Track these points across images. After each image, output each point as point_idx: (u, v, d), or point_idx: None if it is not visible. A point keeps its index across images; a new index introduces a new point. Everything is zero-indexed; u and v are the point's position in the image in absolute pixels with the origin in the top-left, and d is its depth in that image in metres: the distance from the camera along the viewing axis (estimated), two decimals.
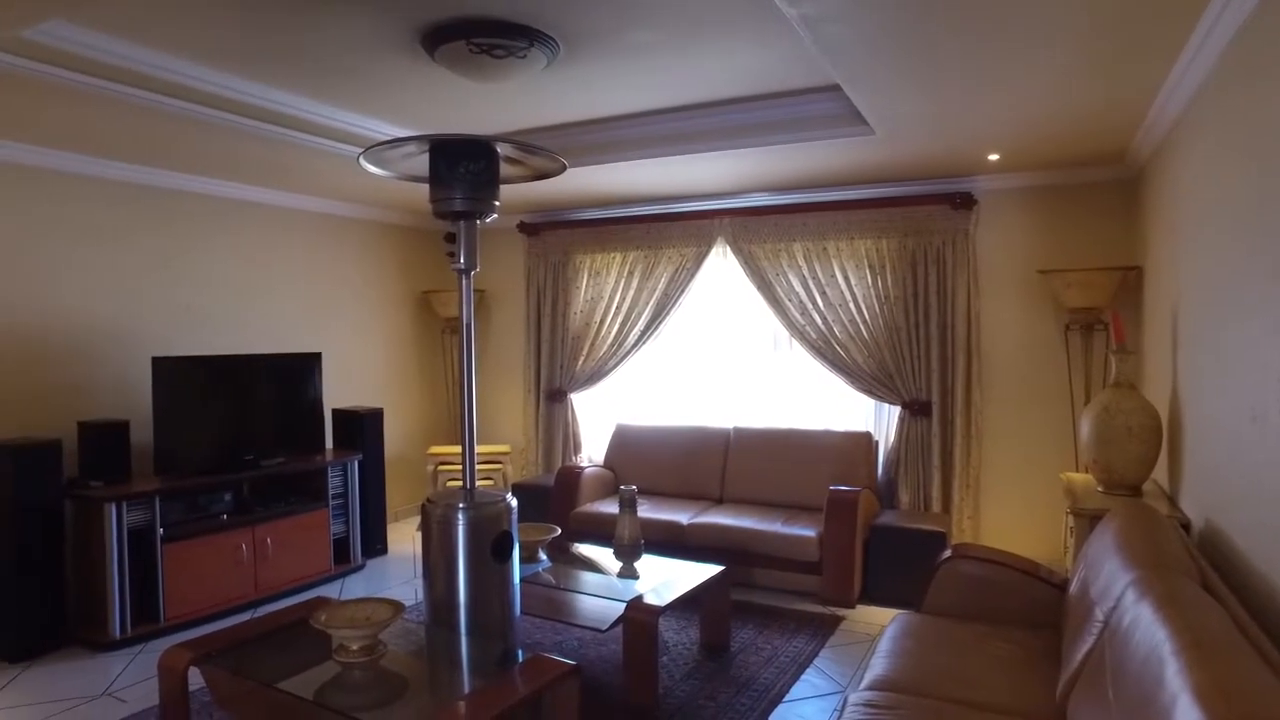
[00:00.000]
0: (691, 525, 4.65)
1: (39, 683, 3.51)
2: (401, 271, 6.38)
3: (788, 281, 5.31)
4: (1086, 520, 3.11)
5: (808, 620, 4.15)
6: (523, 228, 6.25)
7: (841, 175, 4.82)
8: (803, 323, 5.27)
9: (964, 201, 4.79)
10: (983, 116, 3.55)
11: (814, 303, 5.23)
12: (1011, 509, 4.86)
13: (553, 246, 6.17)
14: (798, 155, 4.30)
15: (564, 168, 3.16)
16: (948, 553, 3.14)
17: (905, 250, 4.97)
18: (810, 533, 4.38)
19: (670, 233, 5.73)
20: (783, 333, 5.49)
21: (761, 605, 4.37)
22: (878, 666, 2.56)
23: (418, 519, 6.34)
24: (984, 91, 3.20)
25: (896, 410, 5.08)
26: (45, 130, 3.72)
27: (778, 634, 3.97)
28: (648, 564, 3.81)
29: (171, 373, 4.24)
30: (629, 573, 3.69)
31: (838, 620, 4.16)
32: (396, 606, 2.72)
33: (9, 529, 3.70)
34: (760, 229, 5.39)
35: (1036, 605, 2.93)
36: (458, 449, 5.93)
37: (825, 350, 5.21)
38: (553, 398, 6.18)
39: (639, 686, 3.14)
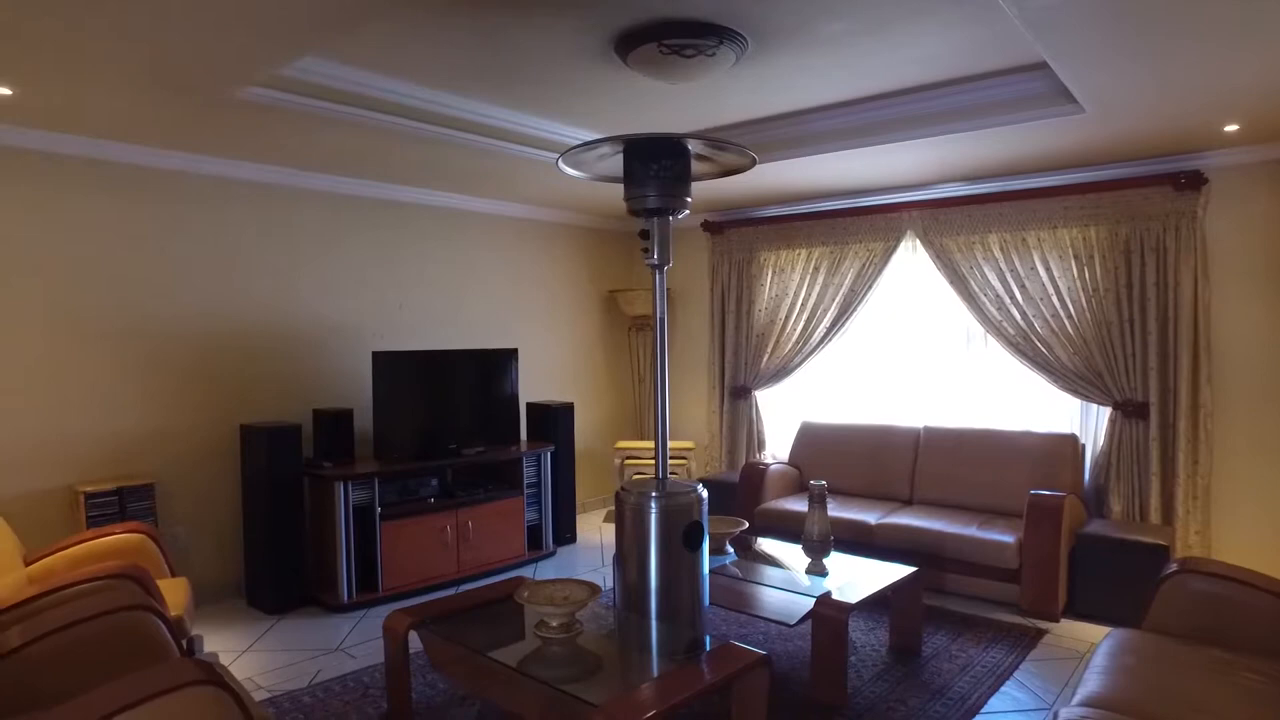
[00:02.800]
0: (880, 525, 4.53)
1: (288, 633, 4.00)
2: (590, 272, 6.65)
3: (982, 275, 5.03)
4: None
5: (1006, 630, 3.92)
6: (707, 226, 6.33)
7: (1044, 159, 4.50)
8: (999, 318, 4.97)
9: (1191, 181, 4.33)
10: (1221, 81, 3.19)
11: (1012, 296, 4.92)
12: (1252, 524, 4.33)
13: (737, 244, 6.20)
14: (994, 141, 4.07)
15: (754, 162, 3.18)
16: (1173, 566, 2.87)
17: (1117, 238, 4.57)
18: (1008, 538, 4.13)
19: (857, 227, 5.59)
20: (976, 328, 5.21)
21: (954, 611, 4.18)
22: (1092, 683, 2.38)
23: (604, 511, 6.60)
24: (1225, 51, 2.87)
25: (1107, 411, 4.68)
26: (287, 151, 4.22)
27: (972, 642, 3.78)
28: (836, 561, 3.75)
29: (388, 365, 4.66)
30: (817, 569, 3.65)
31: (1040, 633, 3.89)
32: (593, 589, 2.86)
33: (265, 500, 4.25)
34: (953, 221, 5.14)
35: None
36: (644, 443, 6.10)
37: (1024, 347, 4.89)
38: (737, 395, 6.21)
39: (827, 683, 3.11)
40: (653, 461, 6.07)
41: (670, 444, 6.11)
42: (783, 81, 3.61)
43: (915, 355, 5.53)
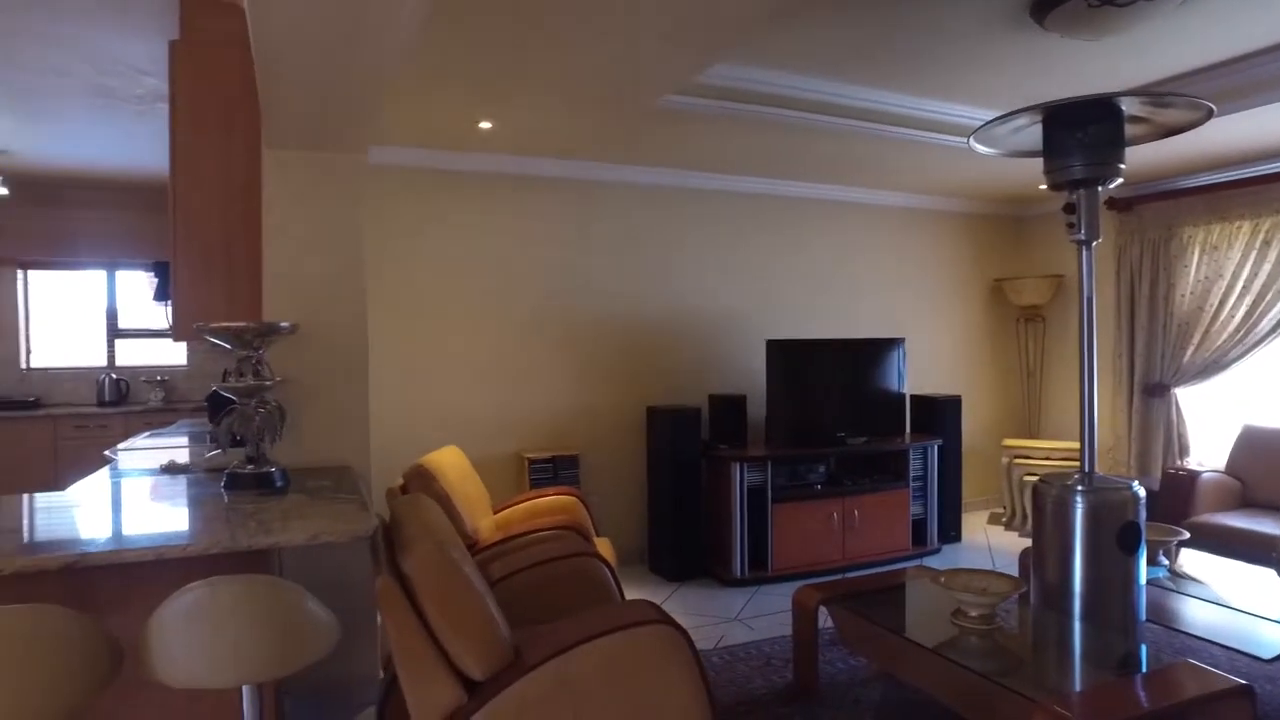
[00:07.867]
0: None
1: (688, 600, 4.36)
2: (974, 260, 6.31)
3: None
4: None
5: None
6: (1111, 204, 5.63)
7: None
8: None
9: None
10: None
11: None
12: None
13: (1150, 222, 5.44)
14: None
15: (1209, 113, 2.77)
16: None
17: None
18: None
19: None
20: None
21: None
22: None
23: (986, 512, 6.20)
24: None
25: None
26: (691, 155, 4.62)
27: None
28: None
29: (781, 353, 4.85)
30: None
31: None
32: (1015, 583, 2.72)
33: (667, 476, 4.68)
34: None
35: None
36: (1036, 442, 5.63)
37: None
38: (1150, 392, 5.44)
39: None
40: (1044, 463, 5.58)
41: (1066, 444, 5.57)
42: (1235, 18, 3.09)
43: None
